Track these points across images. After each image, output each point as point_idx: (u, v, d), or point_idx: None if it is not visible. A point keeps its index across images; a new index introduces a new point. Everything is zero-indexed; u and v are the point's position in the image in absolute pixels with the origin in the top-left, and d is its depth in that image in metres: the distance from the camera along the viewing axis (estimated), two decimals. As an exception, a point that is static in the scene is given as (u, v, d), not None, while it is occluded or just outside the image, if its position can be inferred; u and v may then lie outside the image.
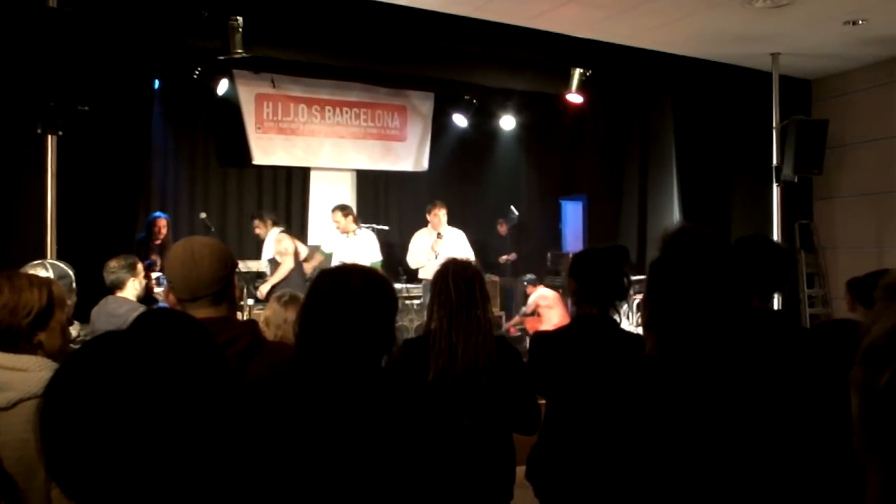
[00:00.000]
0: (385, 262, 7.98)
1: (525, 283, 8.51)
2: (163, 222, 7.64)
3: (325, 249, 7.76)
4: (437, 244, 7.50)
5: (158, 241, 7.52)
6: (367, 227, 7.94)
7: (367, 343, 1.74)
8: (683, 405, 1.39)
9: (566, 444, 1.50)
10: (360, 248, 7.60)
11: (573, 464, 1.47)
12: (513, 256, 9.58)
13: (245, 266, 7.56)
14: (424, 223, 7.92)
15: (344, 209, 7.71)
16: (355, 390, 1.69)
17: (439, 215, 7.59)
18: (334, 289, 1.77)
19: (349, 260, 6.98)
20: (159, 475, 0.93)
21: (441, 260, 3.06)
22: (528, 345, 7.34)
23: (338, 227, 7.62)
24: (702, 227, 1.54)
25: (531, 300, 8.24)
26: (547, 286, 8.47)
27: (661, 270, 1.49)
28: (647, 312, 1.52)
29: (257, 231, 7.69)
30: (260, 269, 8.10)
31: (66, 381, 0.95)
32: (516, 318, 8.46)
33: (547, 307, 8.05)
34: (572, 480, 1.46)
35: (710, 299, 1.43)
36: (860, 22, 6.30)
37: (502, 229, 9.86)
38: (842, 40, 6.81)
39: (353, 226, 7.65)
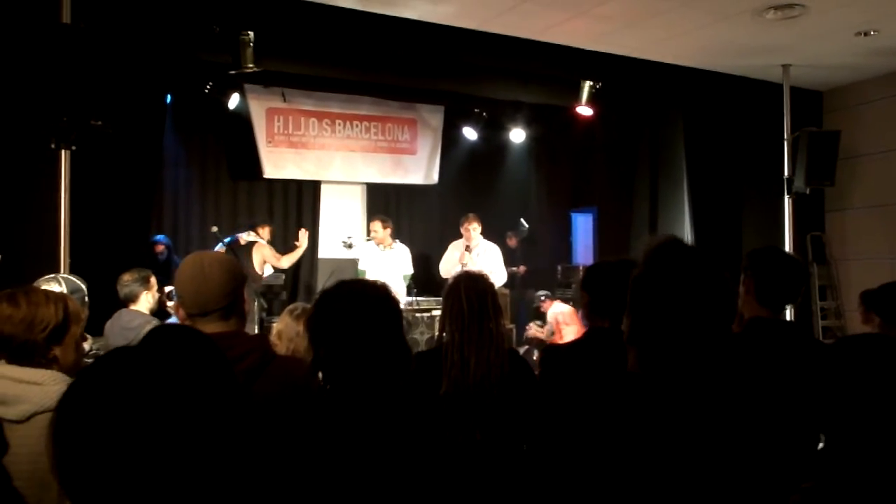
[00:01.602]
0: (413, 275, 7.93)
1: (542, 299, 8.29)
2: (160, 247, 7.64)
3: (361, 266, 7.69)
4: (465, 257, 7.52)
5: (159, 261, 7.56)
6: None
7: (377, 358, 1.73)
8: (664, 424, 1.37)
9: (555, 459, 1.49)
10: (395, 261, 7.62)
11: (558, 479, 1.46)
12: (522, 269, 9.56)
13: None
14: (435, 236, 7.95)
15: (383, 220, 7.72)
16: (367, 405, 1.68)
17: (469, 229, 7.60)
18: (322, 310, 1.77)
19: (383, 274, 6.97)
20: (171, 491, 0.93)
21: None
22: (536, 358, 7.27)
23: (375, 238, 7.60)
24: (683, 241, 1.53)
25: (551, 317, 8.03)
26: (561, 300, 8.40)
27: (642, 285, 1.48)
28: (629, 327, 1.51)
29: None
30: (272, 283, 8.13)
31: (78, 397, 0.95)
32: (541, 338, 8.08)
33: (564, 324, 7.96)
34: (556, 495, 1.45)
35: (691, 314, 1.41)
36: (872, 32, 6.28)
37: (511, 242, 9.83)
38: (853, 51, 6.79)
39: (390, 238, 7.66)
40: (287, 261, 7.60)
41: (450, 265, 7.69)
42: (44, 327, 2.00)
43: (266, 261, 7.34)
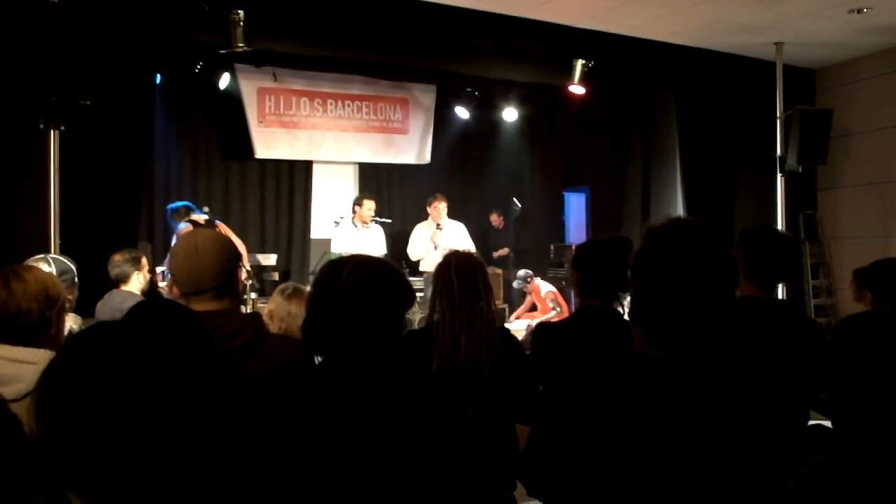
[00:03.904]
0: (389, 256, 7.96)
1: (528, 280, 8.14)
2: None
3: (335, 249, 7.70)
4: (437, 236, 7.56)
5: None
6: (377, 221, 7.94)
7: (373, 334, 1.73)
8: (679, 406, 1.37)
9: (560, 441, 1.48)
10: (372, 241, 7.66)
11: (565, 462, 1.45)
12: (505, 251, 9.51)
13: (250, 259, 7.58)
14: (427, 216, 7.95)
15: (373, 199, 7.81)
16: (361, 381, 1.69)
17: (439, 208, 7.67)
18: (331, 279, 1.75)
19: (362, 253, 6.96)
20: (155, 463, 0.93)
21: (440, 252, 3.06)
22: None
23: (363, 218, 7.65)
24: (686, 218, 1.53)
25: (549, 298, 7.95)
26: (544, 279, 8.37)
27: (645, 260, 1.47)
28: (632, 303, 1.51)
29: None
30: (264, 263, 8.13)
31: (61, 371, 0.95)
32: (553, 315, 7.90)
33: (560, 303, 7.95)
34: (564, 479, 1.45)
35: (694, 288, 1.41)
36: (864, 10, 6.26)
37: (497, 222, 9.80)
38: (846, 29, 6.77)
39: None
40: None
41: (420, 247, 7.75)
42: (55, 302, 2.00)
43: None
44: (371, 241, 7.66)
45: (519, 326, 7.79)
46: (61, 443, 0.93)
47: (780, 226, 7.30)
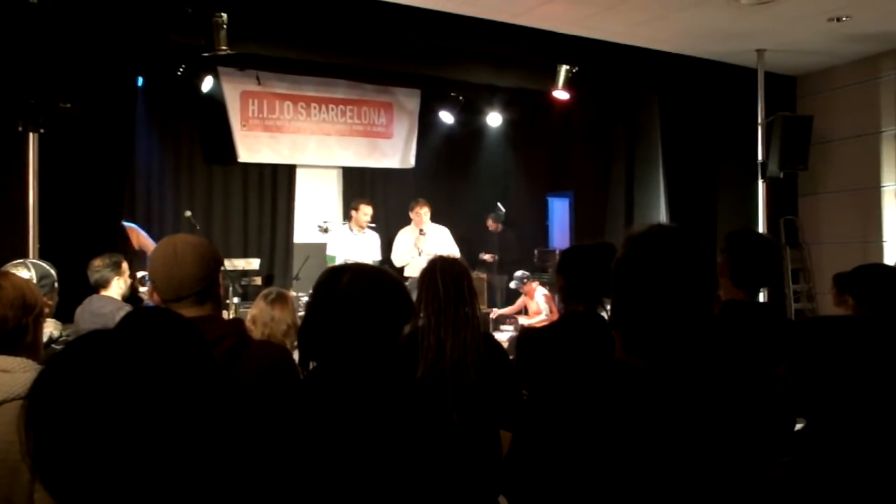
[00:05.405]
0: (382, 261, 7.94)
1: (524, 281, 8.19)
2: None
3: (330, 253, 7.67)
4: (420, 241, 7.54)
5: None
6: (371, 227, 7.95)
7: (367, 343, 1.71)
8: (658, 414, 1.37)
9: (539, 451, 1.47)
10: (367, 246, 7.68)
11: (545, 471, 1.44)
12: (489, 258, 9.51)
13: (231, 264, 7.53)
14: (410, 221, 7.94)
15: (370, 204, 7.81)
16: (348, 388, 1.67)
17: (421, 213, 7.66)
18: (331, 285, 1.74)
19: (355, 259, 6.95)
20: (149, 475, 0.91)
21: (424, 257, 3.06)
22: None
23: (359, 223, 7.66)
24: (666, 225, 1.53)
25: (543, 301, 7.99)
26: (541, 283, 8.41)
27: (625, 267, 1.47)
28: (613, 310, 1.50)
29: None
30: (246, 268, 8.08)
31: (54, 380, 0.93)
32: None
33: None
34: (544, 488, 1.43)
35: (674, 295, 1.41)
36: (844, 18, 6.32)
37: (493, 226, 9.80)
38: (826, 36, 6.83)
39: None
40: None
41: (404, 253, 7.75)
42: (32, 309, 1.96)
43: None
44: (366, 247, 7.65)
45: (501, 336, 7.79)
46: (52, 452, 0.91)
47: (761, 231, 7.35)
